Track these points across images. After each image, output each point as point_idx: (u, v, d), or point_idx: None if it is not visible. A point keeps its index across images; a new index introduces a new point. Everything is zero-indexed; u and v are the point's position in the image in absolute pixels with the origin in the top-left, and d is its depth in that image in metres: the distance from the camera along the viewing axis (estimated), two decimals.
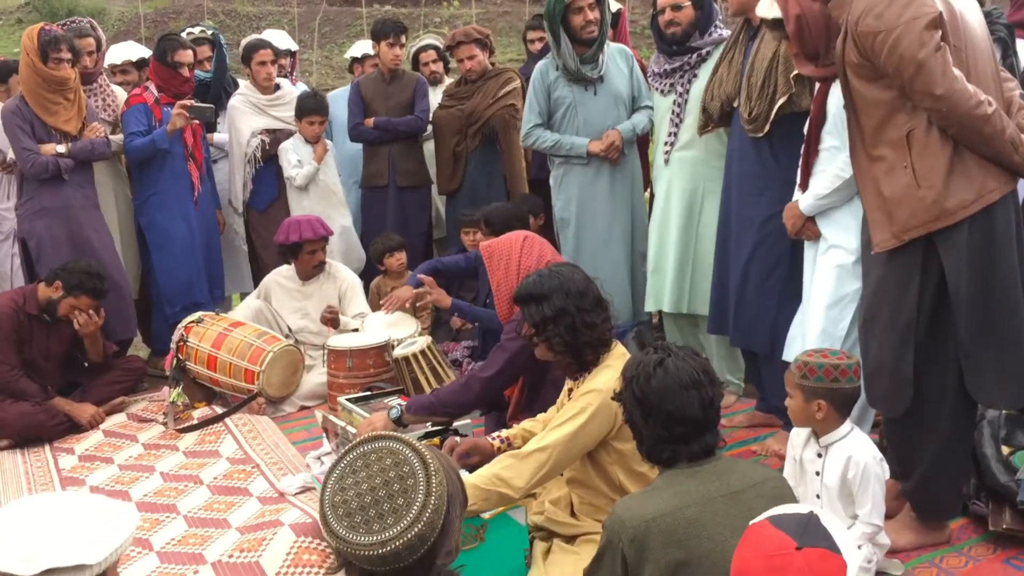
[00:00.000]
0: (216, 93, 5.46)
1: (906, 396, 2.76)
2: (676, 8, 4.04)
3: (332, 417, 3.76)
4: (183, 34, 5.41)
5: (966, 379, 2.72)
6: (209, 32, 5.62)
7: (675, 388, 2.11)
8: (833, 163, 3.18)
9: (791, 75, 3.40)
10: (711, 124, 3.92)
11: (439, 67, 5.97)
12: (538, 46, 5.42)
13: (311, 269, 4.91)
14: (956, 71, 2.53)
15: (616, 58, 4.51)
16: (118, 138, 5.01)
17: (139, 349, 5.48)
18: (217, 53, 5.54)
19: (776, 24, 3.22)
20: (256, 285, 5.48)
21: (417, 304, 4.70)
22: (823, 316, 3.23)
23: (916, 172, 2.62)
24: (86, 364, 4.64)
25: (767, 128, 3.53)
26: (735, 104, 3.71)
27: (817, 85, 3.23)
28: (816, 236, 3.30)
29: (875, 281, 2.82)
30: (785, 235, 3.48)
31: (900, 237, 2.68)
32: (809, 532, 1.69)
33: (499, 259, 3.53)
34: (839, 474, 2.58)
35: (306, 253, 4.84)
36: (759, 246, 3.64)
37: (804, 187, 3.31)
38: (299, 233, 4.79)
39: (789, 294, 3.59)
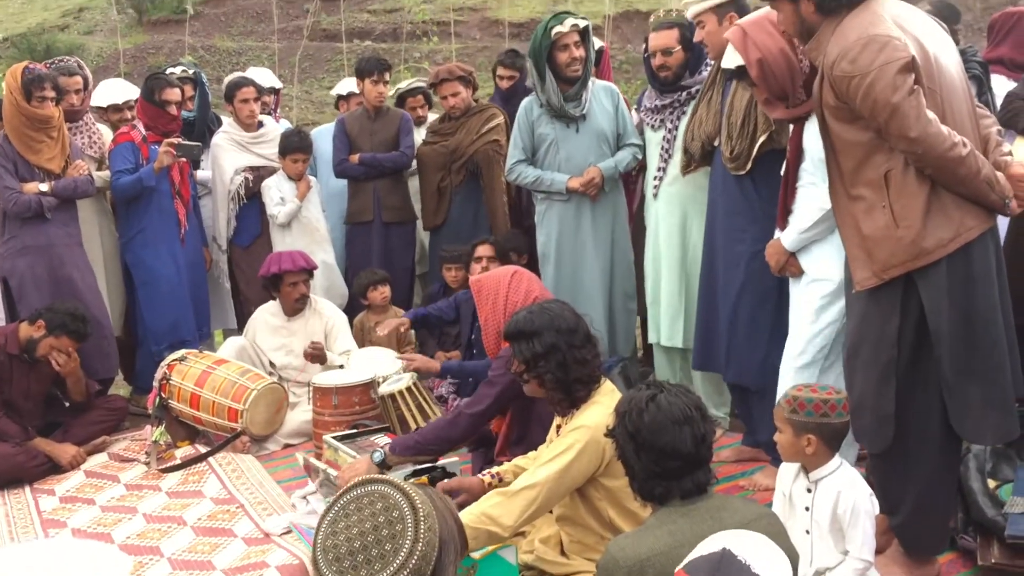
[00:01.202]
0: (200, 131, 5.47)
1: (887, 432, 2.78)
2: (667, 53, 4.14)
3: (312, 460, 3.73)
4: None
5: (950, 415, 2.74)
6: (191, 71, 5.65)
7: (667, 423, 2.13)
8: (814, 197, 3.22)
9: None
10: (693, 164, 3.97)
11: (425, 111, 6.03)
12: (506, 84, 5.47)
13: (294, 303, 4.90)
14: (930, 114, 2.57)
15: (601, 96, 4.55)
16: (103, 175, 5.01)
17: (119, 388, 5.42)
18: (200, 92, 5.56)
19: (741, 72, 3.28)
20: (239, 321, 5.48)
21: (401, 335, 4.68)
22: (805, 344, 3.26)
23: (894, 212, 2.66)
24: (67, 404, 4.59)
25: (749, 165, 3.58)
26: (716, 143, 3.76)
27: (791, 125, 3.29)
28: (799, 272, 3.33)
29: (857, 318, 2.85)
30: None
31: (880, 276, 2.71)
32: (722, 570, 1.68)
33: (487, 295, 3.49)
34: (829, 509, 2.58)
35: (287, 285, 4.84)
36: (747, 283, 3.67)
37: (783, 226, 3.35)
38: (279, 265, 4.81)
39: (779, 329, 3.61)
